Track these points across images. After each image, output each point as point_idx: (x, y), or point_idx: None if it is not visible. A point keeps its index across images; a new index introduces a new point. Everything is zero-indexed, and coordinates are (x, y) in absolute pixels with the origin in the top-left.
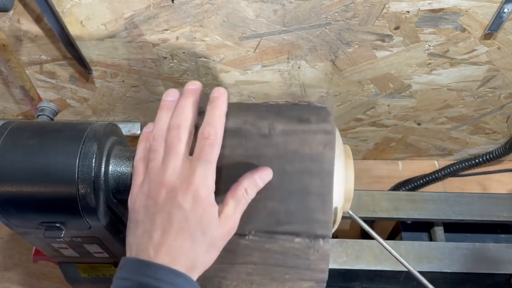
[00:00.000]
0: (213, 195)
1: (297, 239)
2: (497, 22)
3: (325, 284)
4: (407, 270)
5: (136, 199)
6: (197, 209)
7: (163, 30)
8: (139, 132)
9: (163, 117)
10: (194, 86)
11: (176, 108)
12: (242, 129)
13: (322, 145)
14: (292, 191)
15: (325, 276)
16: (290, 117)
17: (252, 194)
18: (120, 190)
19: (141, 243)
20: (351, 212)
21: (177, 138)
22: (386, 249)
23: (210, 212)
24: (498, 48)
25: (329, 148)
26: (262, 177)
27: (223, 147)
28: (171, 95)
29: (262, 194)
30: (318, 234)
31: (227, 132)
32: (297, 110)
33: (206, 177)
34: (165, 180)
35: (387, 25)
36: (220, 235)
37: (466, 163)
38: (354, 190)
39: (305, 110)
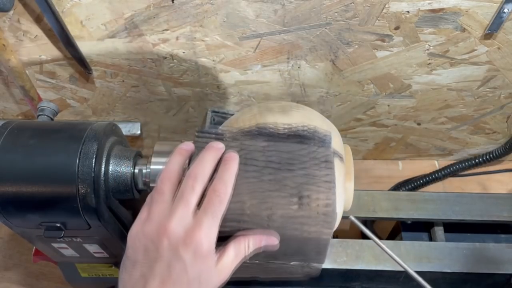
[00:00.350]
0: (214, 248)
1: (292, 263)
2: (497, 22)
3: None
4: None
5: (136, 237)
6: (197, 262)
7: (163, 30)
8: (139, 132)
9: (175, 162)
10: (219, 146)
11: (199, 158)
12: (242, 215)
13: (321, 226)
14: (290, 248)
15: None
16: (291, 194)
17: (252, 252)
18: (120, 190)
19: (137, 287)
20: (353, 218)
21: (192, 189)
22: (387, 253)
23: (209, 265)
24: (498, 48)
25: (327, 227)
26: (268, 242)
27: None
28: (186, 144)
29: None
30: (313, 264)
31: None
32: (301, 177)
33: (211, 232)
34: (169, 228)
35: (387, 25)
36: (215, 284)
37: (466, 163)
38: (354, 190)
39: (310, 179)
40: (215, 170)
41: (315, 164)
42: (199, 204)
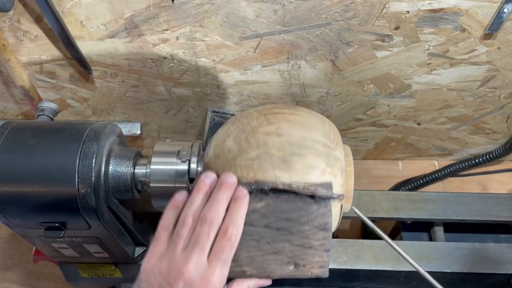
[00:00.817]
0: None
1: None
2: (497, 22)
3: None
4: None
5: (152, 273)
6: None
7: (163, 30)
8: (139, 132)
9: (197, 200)
10: (232, 180)
11: (213, 199)
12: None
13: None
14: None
15: None
16: (288, 262)
17: None
18: (120, 190)
19: None
20: (357, 210)
21: (207, 235)
22: (394, 248)
23: None
24: (498, 48)
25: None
26: (266, 283)
27: None
28: (208, 177)
29: None
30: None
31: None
32: (298, 246)
33: (222, 276)
34: (185, 272)
35: (387, 25)
36: None
37: (466, 163)
38: (354, 190)
39: (307, 250)
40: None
41: (314, 233)
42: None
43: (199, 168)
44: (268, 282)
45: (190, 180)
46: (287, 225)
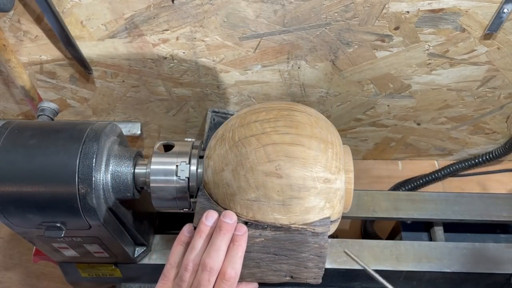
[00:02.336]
0: None
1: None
2: (497, 22)
3: None
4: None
5: None
6: None
7: (163, 30)
8: (139, 132)
9: (198, 244)
10: (231, 221)
11: (213, 245)
12: None
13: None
14: None
15: None
16: (285, 275)
17: None
18: (120, 190)
19: None
20: (349, 252)
21: (207, 281)
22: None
23: None
24: (498, 48)
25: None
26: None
27: None
28: (210, 219)
29: None
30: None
31: None
32: (295, 266)
33: None
34: None
35: (387, 25)
36: None
37: (466, 163)
38: (354, 190)
39: (302, 269)
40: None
41: (310, 259)
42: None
43: (199, 170)
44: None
45: (190, 180)
46: (286, 253)
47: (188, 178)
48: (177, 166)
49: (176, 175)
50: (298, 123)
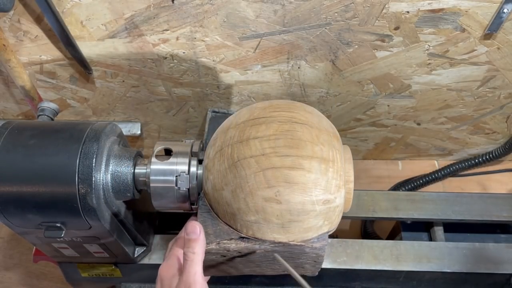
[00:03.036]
0: None
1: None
2: (497, 22)
3: None
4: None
5: None
6: None
7: (163, 30)
8: (139, 132)
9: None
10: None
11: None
12: None
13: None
14: None
15: None
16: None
17: None
18: (121, 190)
19: None
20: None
21: None
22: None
23: None
24: (498, 48)
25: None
26: None
27: None
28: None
29: None
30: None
31: None
32: (293, 264)
33: None
34: None
35: (387, 25)
36: None
37: (466, 163)
38: (354, 190)
39: (299, 268)
40: None
41: (308, 262)
42: None
43: (199, 171)
44: None
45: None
46: (284, 259)
47: (189, 189)
48: (176, 177)
49: (176, 186)
50: (299, 141)
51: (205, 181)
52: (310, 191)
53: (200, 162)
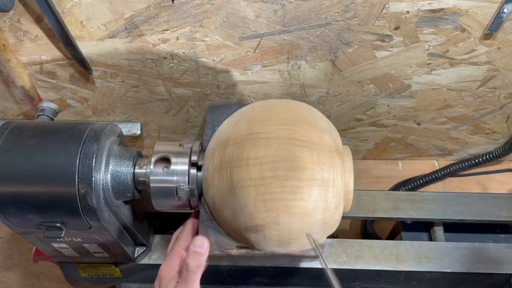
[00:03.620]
0: None
1: None
2: (497, 22)
3: None
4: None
5: None
6: None
7: (163, 30)
8: (139, 132)
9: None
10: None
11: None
12: None
13: None
14: None
15: None
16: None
17: None
18: (120, 190)
19: None
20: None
21: None
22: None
23: None
24: (498, 48)
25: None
26: None
27: None
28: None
29: None
30: None
31: None
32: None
33: None
34: None
35: (387, 25)
36: None
37: (466, 163)
38: (354, 190)
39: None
40: None
41: (305, 258)
42: None
43: (199, 173)
44: None
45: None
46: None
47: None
48: (176, 188)
49: (177, 196)
50: (298, 166)
51: (205, 192)
52: (310, 216)
53: (199, 169)
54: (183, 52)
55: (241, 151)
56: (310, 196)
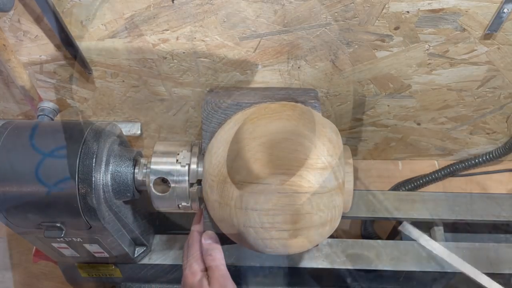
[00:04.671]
0: None
1: None
2: (497, 22)
3: None
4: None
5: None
6: None
7: (163, 30)
8: (139, 132)
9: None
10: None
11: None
12: None
13: None
14: None
15: None
16: None
17: None
18: (121, 190)
19: None
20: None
21: None
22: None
23: None
24: (498, 48)
25: None
26: None
27: None
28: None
29: None
30: None
31: None
32: None
33: None
34: None
35: (387, 25)
36: None
37: (466, 163)
38: (354, 190)
39: None
40: None
41: None
42: None
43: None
44: None
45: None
46: None
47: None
48: (179, 206)
49: (178, 208)
50: (298, 213)
51: (206, 204)
52: (308, 247)
53: (199, 183)
54: (183, 52)
55: (240, 195)
56: (308, 237)
